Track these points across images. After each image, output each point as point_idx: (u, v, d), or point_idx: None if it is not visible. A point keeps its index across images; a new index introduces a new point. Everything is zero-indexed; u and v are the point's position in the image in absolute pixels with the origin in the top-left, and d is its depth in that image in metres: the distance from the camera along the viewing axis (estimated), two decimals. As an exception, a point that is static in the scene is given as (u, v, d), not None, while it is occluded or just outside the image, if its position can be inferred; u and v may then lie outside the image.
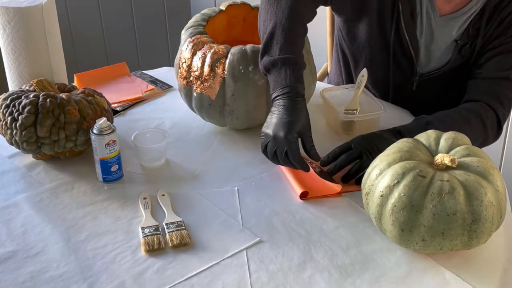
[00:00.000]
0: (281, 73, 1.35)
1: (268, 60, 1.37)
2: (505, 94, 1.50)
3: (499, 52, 1.50)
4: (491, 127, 1.48)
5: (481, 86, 1.51)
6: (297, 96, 1.33)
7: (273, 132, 1.30)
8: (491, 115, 1.48)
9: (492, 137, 1.52)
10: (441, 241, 1.08)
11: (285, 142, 1.29)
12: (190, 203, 1.31)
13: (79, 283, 1.10)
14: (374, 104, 1.55)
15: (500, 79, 1.50)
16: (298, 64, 1.38)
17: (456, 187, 1.06)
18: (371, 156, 1.30)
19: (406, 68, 1.60)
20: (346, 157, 1.34)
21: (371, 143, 1.34)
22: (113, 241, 1.20)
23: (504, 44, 1.49)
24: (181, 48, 1.50)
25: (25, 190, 1.35)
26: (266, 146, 1.33)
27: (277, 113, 1.32)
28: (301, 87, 1.35)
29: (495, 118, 1.49)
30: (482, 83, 1.51)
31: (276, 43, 1.38)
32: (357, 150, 1.34)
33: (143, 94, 1.74)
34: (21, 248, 1.19)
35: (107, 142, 1.32)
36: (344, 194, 1.32)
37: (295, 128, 1.30)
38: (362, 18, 1.57)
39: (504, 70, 1.50)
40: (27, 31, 1.53)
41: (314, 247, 1.18)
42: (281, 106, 1.32)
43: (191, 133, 1.57)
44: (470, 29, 1.51)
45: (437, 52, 1.57)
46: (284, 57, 1.36)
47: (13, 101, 1.37)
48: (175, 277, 1.11)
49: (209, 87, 1.44)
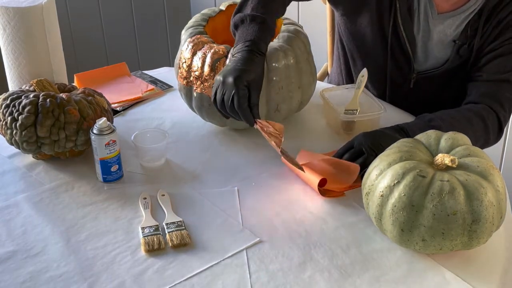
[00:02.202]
0: (247, 29, 1.36)
1: (238, 16, 1.39)
2: (506, 97, 1.50)
3: (499, 54, 1.50)
4: (492, 129, 1.48)
5: (481, 89, 1.50)
6: (258, 52, 1.33)
7: (223, 77, 1.30)
8: (492, 117, 1.48)
9: (493, 139, 1.51)
10: (441, 241, 1.08)
11: (234, 87, 1.27)
12: (190, 203, 1.31)
13: (79, 283, 1.10)
14: (374, 104, 1.55)
15: (501, 81, 1.50)
16: (267, 24, 1.38)
17: (456, 187, 1.06)
18: (374, 153, 1.30)
19: (403, 65, 1.60)
20: (349, 155, 1.34)
21: (374, 140, 1.34)
22: (113, 241, 1.20)
23: (503, 46, 1.49)
24: (181, 48, 1.50)
25: (25, 190, 1.35)
26: (215, 93, 1.31)
27: (232, 62, 1.32)
28: (263, 45, 1.36)
29: (497, 120, 1.49)
30: (483, 86, 1.51)
31: (250, 3, 1.41)
32: (359, 148, 1.34)
33: (143, 94, 1.74)
34: (21, 248, 1.19)
35: (107, 142, 1.32)
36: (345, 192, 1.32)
37: (246, 77, 1.29)
38: (361, 13, 1.58)
39: (504, 72, 1.49)
40: (27, 31, 1.53)
41: (314, 247, 1.18)
42: (239, 56, 1.32)
43: (191, 133, 1.57)
44: (468, 29, 1.51)
45: (435, 50, 1.57)
46: (253, 15, 1.38)
47: (13, 101, 1.37)
48: (175, 277, 1.11)
49: (209, 87, 1.44)
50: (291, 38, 1.47)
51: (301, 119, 1.61)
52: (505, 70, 1.49)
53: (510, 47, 1.49)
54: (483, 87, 1.50)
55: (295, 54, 1.46)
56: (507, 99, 1.50)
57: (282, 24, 1.53)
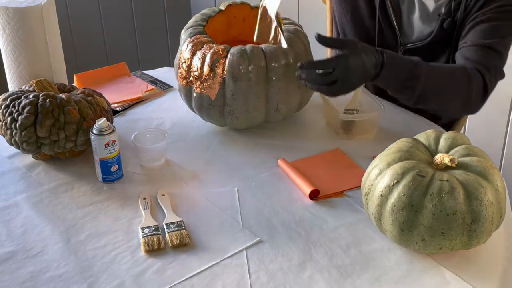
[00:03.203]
0: None
1: None
2: (492, 63, 1.48)
3: (482, 21, 1.50)
4: (476, 87, 1.44)
5: (466, 54, 1.50)
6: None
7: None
8: (478, 77, 1.45)
9: (477, 99, 1.47)
10: (440, 241, 1.08)
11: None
12: (190, 203, 1.31)
13: (79, 283, 1.10)
14: (374, 104, 1.55)
15: (486, 47, 1.48)
16: None
17: (456, 186, 1.06)
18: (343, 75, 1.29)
19: (390, 38, 1.64)
20: (320, 63, 1.30)
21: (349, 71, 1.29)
22: (113, 241, 1.20)
23: (487, 15, 1.49)
24: (181, 48, 1.50)
25: (25, 191, 1.35)
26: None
27: None
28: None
29: (482, 81, 1.45)
30: (467, 51, 1.50)
31: None
32: (334, 64, 1.29)
33: (143, 94, 1.74)
34: (21, 248, 1.19)
35: (107, 142, 1.32)
36: (345, 192, 1.33)
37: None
38: None
39: (488, 38, 1.48)
40: (27, 31, 1.53)
41: (314, 247, 1.18)
42: None
43: (191, 133, 1.57)
44: (452, 3, 1.53)
45: (419, 22, 1.60)
46: None
47: (13, 101, 1.37)
48: (175, 277, 1.11)
49: (208, 87, 1.44)
50: (291, 38, 1.47)
51: (301, 119, 1.61)
52: (489, 37, 1.49)
53: (494, 16, 1.49)
54: (468, 52, 1.50)
55: (295, 54, 1.46)
56: (492, 65, 1.48)
57: (282, 24, 1.53)
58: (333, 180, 1.36)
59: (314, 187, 1.31)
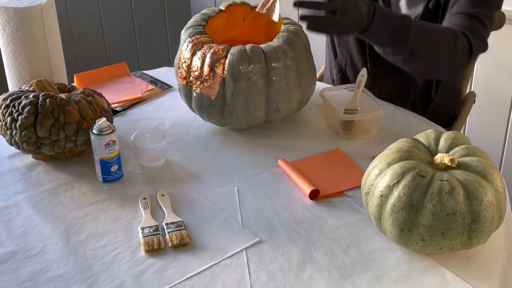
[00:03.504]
0: None
1: None
2: (476, 29, 1.50)
3: None
4: (463, 46, 1.47)
5: (452, 20, 1.52)
6: None
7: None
8: (463, 38, 1.47)
9: (464, 60, 1.50)
10: (440, 241, 1.08)
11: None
12: (190, 203, 1.31)
13: (79, 283, 1.10)
14: (374, 104, 1.55)
15: (470, 16, 1.51)
16: None
17: (456, 186, 1.06)
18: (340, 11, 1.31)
19: None
20: None
21: None
22: (113, 241, 1.20)
23: None
24: (181, 48, 1.50)
25: (25, 191, 1.35)
26: None
27: None
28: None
29: (467, 43, 1.47)
30: (453, 18, 1.52)
31: None
32: None
33: (143, 94, 1.74)
34: (21, 248, 1.19)
35: (107, 142, 1.32)
36: (345, 192, 1.33)
37: None
38: None
39: (473, 8, 1.51)
40: (27, 31, 1.53)
41: (314, 247, 1.18)
42: None
43: (191, 133, 1.57)
44: None
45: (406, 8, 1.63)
46: None
47: (13, 101, 1.37)
48: (175, 277, 1.11)
49: (208, 87, 1.44)
50: (291, 38, 1.47)
51: (301, 119, 1.61)
52: (474, 7, 1.51)
53: None
54: (454, 19, 1.52)
55: (295, 54, 1.46)
56: (477, 30, 1.50)
57: (282, 24, 1.54)
58: (333, 180, 1.36)
59: (314, 187, 1.31)
